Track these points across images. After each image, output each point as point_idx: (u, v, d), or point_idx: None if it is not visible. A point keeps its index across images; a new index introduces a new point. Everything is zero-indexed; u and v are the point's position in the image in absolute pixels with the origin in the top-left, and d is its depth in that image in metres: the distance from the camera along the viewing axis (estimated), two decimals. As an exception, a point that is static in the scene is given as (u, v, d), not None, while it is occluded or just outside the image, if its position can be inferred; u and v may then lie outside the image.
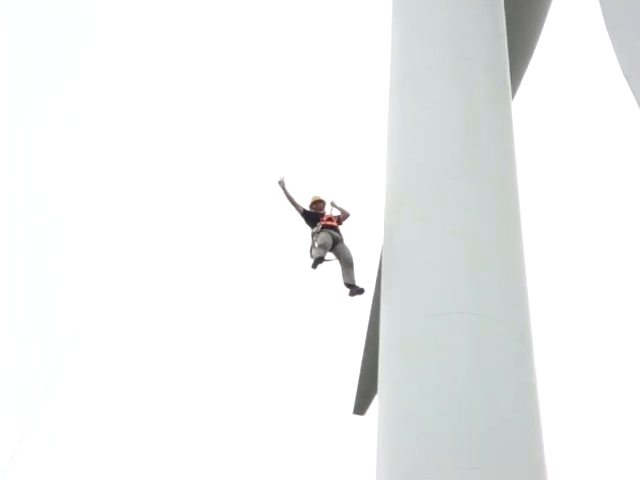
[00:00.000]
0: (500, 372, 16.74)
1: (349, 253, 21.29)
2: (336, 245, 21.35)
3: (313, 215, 21.99)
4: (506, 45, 20.93)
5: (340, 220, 21.90)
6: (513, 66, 21.26)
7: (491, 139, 19.39)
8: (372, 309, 22.72)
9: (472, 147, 19.00)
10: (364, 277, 21.49)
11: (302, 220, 22.00)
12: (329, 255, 21.33)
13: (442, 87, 19.87)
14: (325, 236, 21.35)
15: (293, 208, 22.08)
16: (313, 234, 21.62)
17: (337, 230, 21.62)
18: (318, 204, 22.18)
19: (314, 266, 20.98)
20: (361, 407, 23.16)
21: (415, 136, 19.59)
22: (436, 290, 17.53)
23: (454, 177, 18.61)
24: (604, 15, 18.67)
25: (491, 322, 17.07)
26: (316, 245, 21.30)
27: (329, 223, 21.65)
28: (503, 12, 21.37)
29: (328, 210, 22.15)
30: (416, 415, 16.37)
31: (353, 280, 20.88)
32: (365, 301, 21.61)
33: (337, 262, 21.24)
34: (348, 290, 20.79)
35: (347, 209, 22.09)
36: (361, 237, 22.69)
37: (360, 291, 20.80)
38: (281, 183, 22.01)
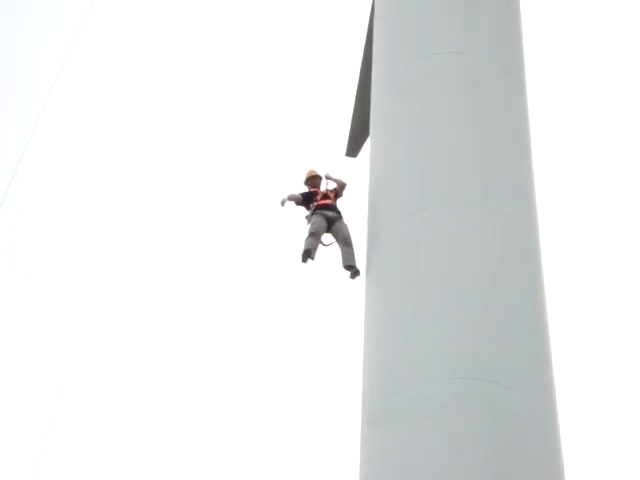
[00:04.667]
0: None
1: (346, 231, 19.31)
2: (332, 225, 19.42)
3: (309, 195, 20.05)
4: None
5: (338, 193, 20.01)
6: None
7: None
8: (366, 44, 20.91)
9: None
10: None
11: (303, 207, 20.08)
12: (328, 238, 19.41)
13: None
14: (316, 220, 19.42)
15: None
16: (306, 217, 19.76)
17: (332, 208, 19.67)
18: (314, 180, 20.29)
19: (303, 259, 18.96)
20: (353, 149, 22.72)
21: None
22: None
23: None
24: None
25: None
26: (307, 233, 19.35)
27: (322, 202, 19.73)
28: None
29: (324, 186, 20.13)
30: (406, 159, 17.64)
31: (352, 261, 18.89)
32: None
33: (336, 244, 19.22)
34: (349, 273, 18.85)
35: (343, 179, 20.17)
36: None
37: (358, 272, 18.67)
38: (283, 202, 20.16)
